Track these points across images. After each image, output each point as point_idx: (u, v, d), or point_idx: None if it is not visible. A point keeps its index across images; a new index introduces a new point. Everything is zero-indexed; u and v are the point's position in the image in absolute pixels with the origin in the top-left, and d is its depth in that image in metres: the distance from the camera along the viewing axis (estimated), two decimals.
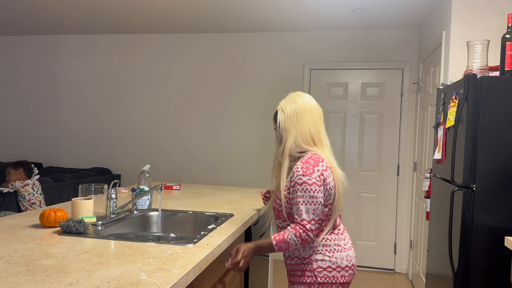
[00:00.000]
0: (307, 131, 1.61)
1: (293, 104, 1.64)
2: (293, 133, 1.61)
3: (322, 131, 1.65)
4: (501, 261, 2.01)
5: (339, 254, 1.59)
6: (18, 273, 1.20)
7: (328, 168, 1.57)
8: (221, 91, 4.65)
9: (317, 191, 1.52)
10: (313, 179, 1.52)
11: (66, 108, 5.06)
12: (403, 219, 4.24)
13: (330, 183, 1.56)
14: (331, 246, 1.59)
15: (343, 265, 1.58)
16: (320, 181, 1.53)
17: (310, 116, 1.62)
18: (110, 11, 3.95)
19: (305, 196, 1.51)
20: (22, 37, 5.13)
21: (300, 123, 1.61)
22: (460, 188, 2.07)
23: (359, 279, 4.01)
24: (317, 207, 1.52)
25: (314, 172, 1.53)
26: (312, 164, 1.54)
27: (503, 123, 2.01)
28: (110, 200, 1.94)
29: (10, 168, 3.75)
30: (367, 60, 4.29)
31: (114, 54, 4.91)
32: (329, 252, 1.58)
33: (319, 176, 1.53)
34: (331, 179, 1.57)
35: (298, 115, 1.62)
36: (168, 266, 1.29)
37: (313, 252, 1.58)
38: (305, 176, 1.52)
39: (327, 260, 1.57)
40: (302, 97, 1.66)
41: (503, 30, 2.78)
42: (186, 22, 4.24)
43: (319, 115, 1.65)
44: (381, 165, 4.30)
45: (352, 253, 1.63)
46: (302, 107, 1.63)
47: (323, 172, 1.55)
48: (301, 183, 1.52)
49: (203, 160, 4.70)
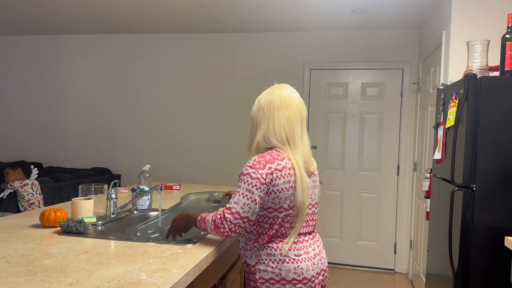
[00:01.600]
0: (281, 127, 1.45)
1: (269, 96, 1.51)
2: (263, 127, 1.48)
3: (297, 130, 1.47)
4: (501, 261, 2.01)
5: (284, 266, 1.41)
6: (18, 273, 1.20)
7: (285, 169, 1.41)
8: (221, 91, 4.65)
9: (256, 187, 1.38)
10: (258, 174, 1.39)
11: (66, 108, 5.06)
12: (403, 219, 4.24)
13: (279, 185, 1.40)
14: (276, 256, 1.42)
15: (289, 278, 1.41)
16: (265, 180, 1.39)
17: (286, 112, 1.46)
18: (111, 11, 3.95)
19: (243, 188, 1.40)
20: (22, 37, 5.13)
21: (273, 117, 1.47)
22: (460, 188, 2.07)
23: (359, 279, 4.01)
24: (248, 203, 1.38)
25: (263, 168, 1.39)
26: (267, 160, 1.41)
27: (503, 123, 2.01)
28: (110, 200, 1.94)
29: (8, 169, 3.75)
30: (367, 60, 4.29)
31: (114, 54, 4.91)
32: (273, 262, 1.42)
33: (267, 174, 1.39)
34: (284, 182, 1.40)
35: (272, 109, 1.47)
36: (168, 266, 1.29)
37: (258, 261, 1.45)
38: (252, 168, 1.40)
39: (270, 271, 1.42)
40: (282, 90, 1.51)
41: (503, 30, 2.78)
42: (186, 22, 4.24)
43: (297, 112, 1.48)
44: (381, 165, 4.30)
45: (307, 266, 1.44)
46: (278, 101, 1.48)
47: (274, 172, 1.40)
48: (245, 174, 1.41)
49: (203, 160, 4.70)
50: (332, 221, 4.41)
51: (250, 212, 1.40)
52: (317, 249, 1.52)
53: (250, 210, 1.40)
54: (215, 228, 1.45)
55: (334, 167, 4.41)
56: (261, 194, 1.40)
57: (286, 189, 1.41)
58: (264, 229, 1.45)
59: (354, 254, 4.36)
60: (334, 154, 4.40)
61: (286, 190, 1.41)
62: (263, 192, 1.40)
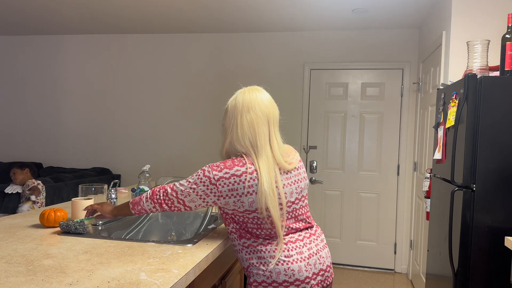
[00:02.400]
0: (244, 133, 1.44)
1: (234, 101, 1.49)
2: (229, 134, 1.48)
3: (261, 134, 1.44)
4: (501, 261, 2.01)
5: (274, 268, 1.40)
6: (18, 273, 1.20)
7: (244, 175, 1.40)
8: (221, 91, 4.65)
9: (204, 184, 1.41)
10: (211, 174, 1.41)
11: (66, 108, 5.06)
12: (403, 219, 4.24)
13: (238, 190, 1.39)
14: (266, 259, 1.42)
15: (280, 280, 1.40)
16: (216, 182, 1.40)
17: (248, 116, 1.44)
18: (111, 11, 3.95)
19: (193, 177, 1.44)
20: (22, 37, 5.13)
21: (236, 123, 1.45)
22: (460, 188, 2.07)
23: (359, 279, 4.01)
24: (189, 191, 1.43)
25: (219, 171, 1.41)
26: (227, 166, 1.42)
27: (503, 123, 2.01)
28: (110, 200, 1.94)
29: (16, 169, 3.77)
30: (367, 60, 4.29)
31: (114, 54, 4.91)
32: (263, 265, 1.42)
33: (220, 177, 1.40)
34: (245, 187, 1.39)
35: (235, 115, 1.46)
36: (168, 266, 1.29)
37: (250, 264, 1.45)
38: (208, 167, 1.43)
39: (261, 274, 1.42)
40: (245, 94, 1.49)
41: (503, 30, 2.78)
42: (186, 22, 4.24)
43: (261, 114, 1.45)
44: (381, 165, 4.30)
45: (299, 267, 1.41)
46: (240, 106, 1.46)
47: (231, 177, 1.40)
48: (202, 169, 1.44)
49: (203, 160, 4.70)
50: (332, 221, 4.42)
51: (188, 199, 1.45)
52: (314, 248, 1.48)
53: (189, 197, 1.45)
54: (151, 197, 1.52)
55: (334, 167, 4.41)
56: (207, 191, 1.42)
57: (250, 193, 1.40)
58: (240, 225, 1.47)
59: (354, 254, 4.36)
60: (334, 154, 4.40)
61: (250, 194, 1.40)
62: (210, 190, 1.42)
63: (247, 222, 1.44)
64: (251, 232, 1.45)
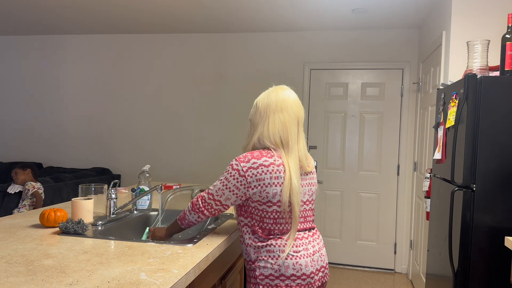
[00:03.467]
0: (275, 131, 1.49)
1: (266, 99, 1.54)
2: (259, 130, 1.52)
3: (292, 133, 1.50)
4: (501, 261, 2.01)
5: (282, 261, 1.44)
6: (18, 273, 1.20)
7: (272, 165, 1.45)
8: (221, 91, 4.65)
9: (234, 177, 1.47)
10: (239, 166, 1.46)
11: (66, 108, 5.06)
12: (403, 219, 4.24)
13: (265, 180, 1.44)
14: (275, 253, 1.46)
15: (288, 274, 1.44)
16: (245, 172, 1.45)
17: (281, 116, 1.50)
18: (111, 11, 3.95)
19: (223, 175, 1.50)
20: (22, 37, 5.13)
21: (268, 121, 1.51)
22: (460, 188, 2.07)
23: (359, 279, 4.01)
24: (223, 189, 1.49)
25: (246, 162, 1.46)
26: (254, 156, 1.47)
27: (503, 123, 2.00)
28: (110, 200, 1.94)
29: (17, 169, 3.77)
30: (367, 60, 4.29)
31: (114, 54, 4.91)
32: (272, 259, 1.46)
33: (248, 167, 1.45)
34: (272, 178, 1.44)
35: (268, 113, 1.51)
36: (168, 266, 1.29)
37: (257, 257, 1.48)
38: (236, 161, 1.48)
39: (269, 267, 1.45)
40: (278, 93, 1.54)
41: (503, 30, 2.78)
42: (186, 22, 4.24)
43: (293, 115, 1.51)
44: (381, 165, 4.30)
45: (306, 262, 1.47)
46: (274, 104, 1.51)
47: (259, 167, 1.44)
48: (230, 164, 1.50)
49: (203, 160, 4.71)
50: (332, 221, 4.41)
51: (224, 197, 1.51)
52: (316, 246, 1.54)
53: (224, 196, 1.50)
54: (192, 208, 1.58)
55: (334, 167, 4.41)
56: (237, 184, 1.47)
57: (274, 184, 1.45)
58: (256, 221, 1.50)
59: (354, 254, 4.36)
60: (334, 154, 4.40)
61: (275, 185, 1.45)
62: (240, 183, 1.47)
63: (265, 216, 1.48)
64: (265, 228, 1.49)
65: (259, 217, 1.49)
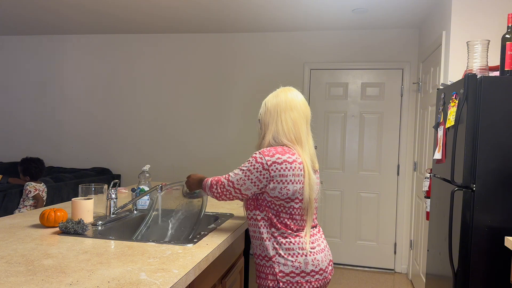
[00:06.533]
0: (289, 128, 1.54)
1: (275, 99, 1.59)
2: (272, 129, 1.56)
3: (303, 131, 1.56)
4: (501, 261, 2.01)
5: (303, 259, 1.49)
6: (18, 273, 1.20)
7: (295, 163, 1.49)
8: (221, 92, 4.65)
9: (257, 170, 1.48)
10: (264, 160, 1.48)
11: (66, 108, 5.06)
12: (403, 219, 4.24)
13: (288, 176, 1.47)
14: (295, 250, 1.50)
15: (308, 270, 1.49)
16: (269, 166, 1.47)
17: (292, 114, 1.55)
18: (110, 11, 3.95)
19: (246, 166, 1.51)
20: (22, 37, 5.13)
21: (280, 119, 1.55)
22: (460, 188, 2.07)
23: (359, 279, 4.02)
24: (244, 179, 1.51)
25: (271, 156, 1.48)
26: (278, 151, 1.50)
27: (503, 123, 2.00)
28: (110, 200, 1.94)
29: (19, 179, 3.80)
30: (367, 60, 4.29)
31: (114, 54, 4.91)
32: (291, 256, 1.49)
33: (272, 162, 1.47)
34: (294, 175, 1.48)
35: (279, 111, 1.56)
36: (168, 266, 1.29)
37: (276, 254, 1.51)
38: (260, 154, 1.50)
39: (290, 265, 1.49)
40: (287, 93, 1.59)
41: (503, 30, 2.78)
42: (186, 22, 4.24)
43: (302, 114, 1.57)
44: (381, 165, 4.30)
45: (321, 257, 1.53)
46: (284, 103, 1.56)
47: (283, 163, 1.47)
48: (253, 156, 1.51)
49: (203, 160, 4.71)
50: (332, 221, 4.42)
51: (244, 187, 1.52)
52: (324, 242, 1.62)
53: (244, 186, 1.52)
54: (210, 188, 1.63)
55: (334, 167, 4.41)
56: (260, 177, 1.49)
57: (296, 182, 1.49)
58: (272, 215, 1.52)
59: (354, 254, 4.37)
60: (334, 154, 4.40)
61: (296, 183, 1.49)
62: (262, 176, 1.48)
63: (281, 211, 1.51)
64: (282, 222, 1.52)
65: (275, 211, 1.52)
